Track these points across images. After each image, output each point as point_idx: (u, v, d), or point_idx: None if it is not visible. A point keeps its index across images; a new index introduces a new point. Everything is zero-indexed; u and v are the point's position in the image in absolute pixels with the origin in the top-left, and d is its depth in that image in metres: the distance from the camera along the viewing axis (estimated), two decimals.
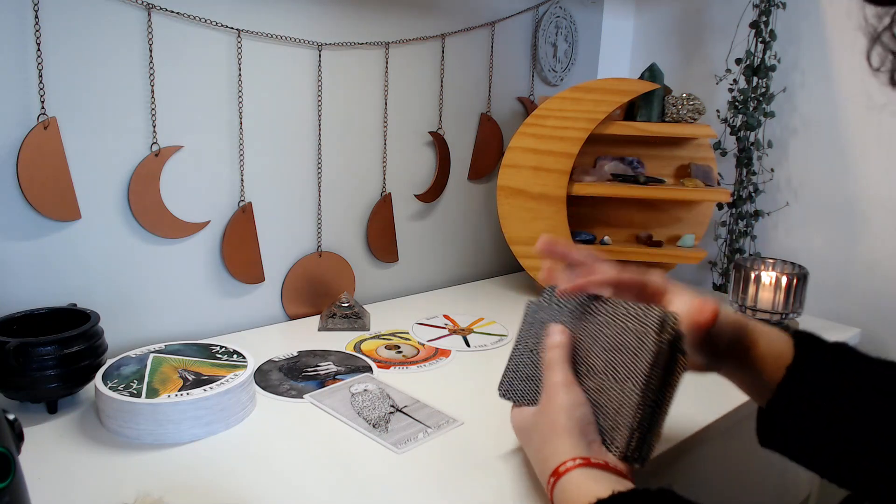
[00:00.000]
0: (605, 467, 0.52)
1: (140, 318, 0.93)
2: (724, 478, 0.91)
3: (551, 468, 0.53)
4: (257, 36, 0.96)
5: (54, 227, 0.84)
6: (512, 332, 1.05)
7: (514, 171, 1.17)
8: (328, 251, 1.12)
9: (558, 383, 0.57)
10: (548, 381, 0.58)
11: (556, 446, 0.53)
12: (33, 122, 0.79)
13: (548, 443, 0.55)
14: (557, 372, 0.57)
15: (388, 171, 1.17)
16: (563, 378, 0.57)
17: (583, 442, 0.53)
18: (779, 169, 1.33)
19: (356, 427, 0.72)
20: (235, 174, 0.99)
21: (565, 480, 0.51)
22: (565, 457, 0.52)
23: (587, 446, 0.53)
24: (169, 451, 0.66)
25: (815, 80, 1.27)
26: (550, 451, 0.54)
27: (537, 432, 0.57)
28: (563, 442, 0.53)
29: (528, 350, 0.66)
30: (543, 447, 0.55)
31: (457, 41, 1.23)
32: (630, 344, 0.55)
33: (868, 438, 0.52)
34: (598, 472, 0.51)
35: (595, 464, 0.51)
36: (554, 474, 0.52)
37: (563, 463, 0.52)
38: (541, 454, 0.56)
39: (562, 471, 0.51)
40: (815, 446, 0.55)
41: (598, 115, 1.14)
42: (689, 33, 1.47)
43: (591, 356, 0.58)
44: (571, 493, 0.50)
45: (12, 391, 0.71)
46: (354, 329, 1.03)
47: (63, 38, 0.80)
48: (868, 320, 1.21)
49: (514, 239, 1.19)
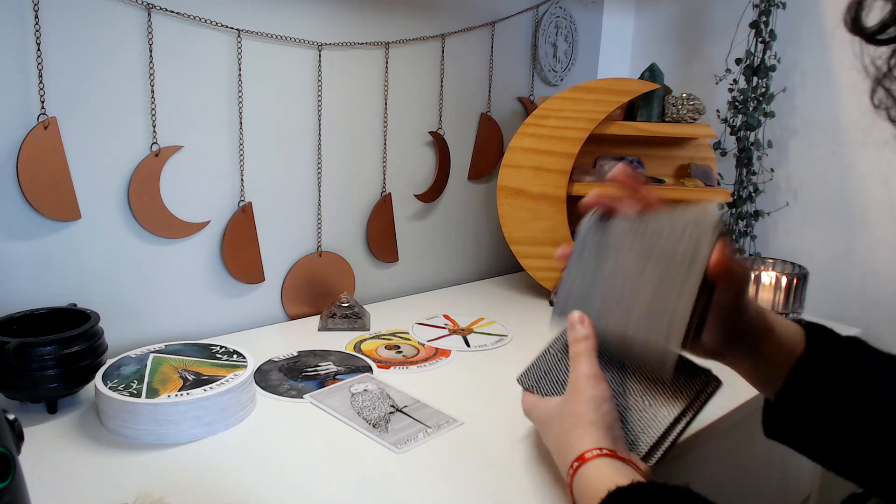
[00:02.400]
0: (628, 462, 0.52)
1: (140, 318, 0.93)
2: (725, 477, 0.91)
3: (576, 454, 0.53)
4: (257, 36, 0.96)
5: (54, 227, 0.84)
6: (512, 332, 1.05)
7: (514, 171, 1.17)
8: (328, 251, 1.12)
9: (588, 375, 0.57)
10: (575, 372, 0.58)
11: (583, 435, 0.54)
12: (33, 122, 0.79)
13: (573, 431, 0.55)
14: (584, 364, 0.58)
15: (388, 171, 1.17)
16: (593, 371, 0.58)
17: (609, 436, 0.54)
18: (779, 169, 1.33)
19: (356, 427, 0.72)
20: (235, 174, 0.99)
21: (589, 467, 0.52)
22: (591, 445, 0.53)
23: (612, 441, 0.54)
24: (169, 451, 0.66)
25: (815, 80, 1.27)
26: (576, 438, 0.54)
27: (562, 421, 0.57)
28: (589, 432, 0.54)
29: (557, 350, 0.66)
30: (568, 434, 0.56)
31: (457, 41, 1.23)
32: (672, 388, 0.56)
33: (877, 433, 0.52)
34: (621, 464, 0.52)
35: (619, 457, 0.52)
36: (579, 459, 0.52)
37: (590, 450, 0.52)
38: (564, 440, 0.56)
39: (588, 457, 0.52)
40: (823, 438, 0.55)
41: (598, 115, 1.14)
42: (689, 33, 1.47)
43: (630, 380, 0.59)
44: (591, 479, 0.50)
45: (12, 391, 0.71)
46: (354, 329, 1.03)
47: (63, 38, 0.80)
48: (868, 320, 1.21)
49: (514, 239, 1.19)
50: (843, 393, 0.54)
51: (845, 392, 0.54)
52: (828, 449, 0.55)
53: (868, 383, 0.54)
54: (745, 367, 0.60)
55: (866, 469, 0.53)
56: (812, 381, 0.55)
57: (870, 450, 0.52)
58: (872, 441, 0.52)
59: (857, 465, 0.53)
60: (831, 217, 1.27)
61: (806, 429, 0.56)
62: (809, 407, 0.55)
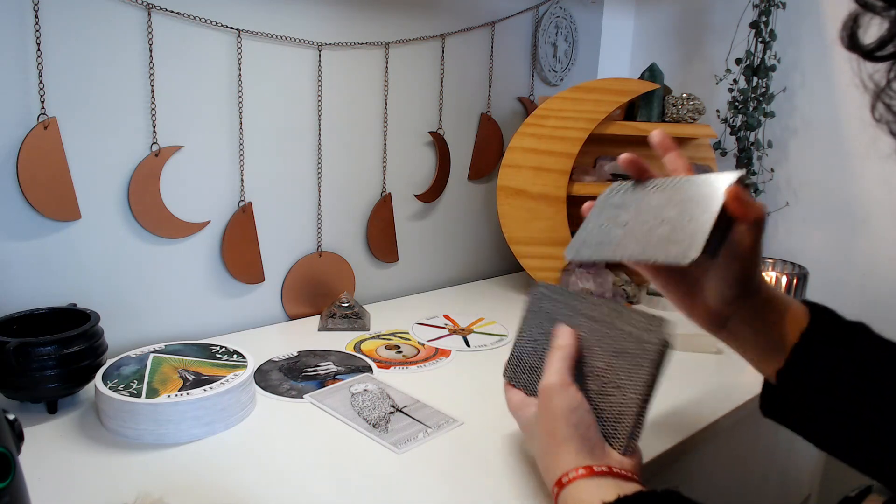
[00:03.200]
0: (608, 473, 0.51)
1: (140, 318, 0.93)
2: (724, 477, 0.91)
3: (554, 479, 0.52)
4: (257, 36, 0.96)
5: (54, 227, 0.84)
6: (512, 332, 1.05)
7: (514, 171, 1.17)
8: (328, 251, 1.12)
9: (553, 385, 0.56)
10: (543, 381, 0.57)
11: (558, 456, 0.53)
12: (33, 122, 0.79)
13: (548, 453, 0.54)
14: (553, 373, 0.57)
15: (388, 171, 1.17)
16: (559, 380, 0.56)
17: (584, 448, 0.52)
18: (779, 169, 1.33)
19: (356, 427, 0.72)
20: (235, 174, 0.99)
21: (569, 491, 0.50)
22: (567, 467, 0.51)
23: (589, 452, 0.52)
24: (169, 451, 0.66)
25: (815, 80, 1.27)
26: (551, 462, 0.53)
27: (538, 438, 0.57)
28: (564, 452, 0.53)
29: (532, 339, 0.65)
30: (545, 456, 0.55)
31: (457, 41, 1.23)
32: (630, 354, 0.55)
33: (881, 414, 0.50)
34: (601, 479, 0.50)
35: (598, 472, 0.51)
36: (557, 485, 0.51)
37: (566, 473, 0.51)
38: (543, 462, 0.55)
39: (565, 482, 0.51)
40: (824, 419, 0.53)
41: (598, 115, 1.14)
42: (689, 33, 1.48)
43: (594, 357, 0.58)
44: (577, 502, 0.49)
45: (12, 391, 0.71)
46: (354, 329, 1.03)
47: (63, 38, 0.80)
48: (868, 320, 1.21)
49: (514, 239, 1.19)
50: (847, 372, 0.52)
51: (849, 371, 0.52)
52: (827, 430, 0.54)
53: (873, 365, 0.52)
54: (747, 336, 0.57)
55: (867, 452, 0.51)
56: (815, 358, 0.53)
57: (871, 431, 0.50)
58: (875, 423, 0.50)
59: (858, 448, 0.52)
60: (831, 217, 1.27)
61: (806, 407, 0.54)
62: (811, 384, 0.53)
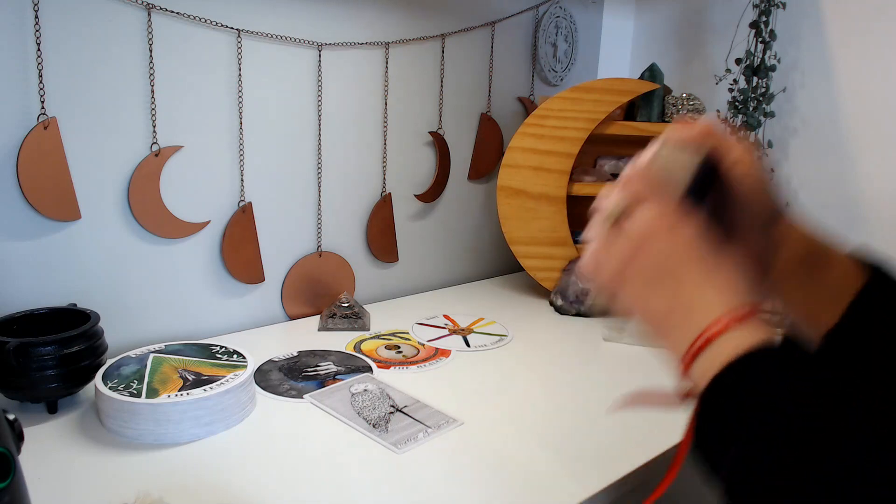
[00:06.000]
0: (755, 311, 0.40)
1: (140, 318, 0.93)
2: None
3: (695, 332, 0.39)
4: (257, 36, 0.96)
5: (54, 227, 0.84)
6: (512, 332, 1.05)
7: (514, 171, 1.17)
8: (328, 251, 1.12)
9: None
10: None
11: (698, 293, 0.41)
12: (33, 122, 0.79)
13: (683, 287, 0.42)
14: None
15: (388, 171, 1.17)
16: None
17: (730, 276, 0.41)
18: (779, 169, 1.33)
19: (356, 427, 0.72)
20: (235, 174, 0.99)
21: (718, 345, 0.39)
22: (717, 311, 0.39)
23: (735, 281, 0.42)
24: (169, 451, 0.66)
25: (815, 80, 1.27)
26: (687, 299, 0.41)
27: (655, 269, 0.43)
28: (707, 284, 0.41)
29: None
30: (679, 296, 0.42)
31: (457, 41, 1.23)
32: None
33: None
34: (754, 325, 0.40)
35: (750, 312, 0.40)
36: (701, 339, 0.39)
37: (717, 321, 0.39)
38: (675, 303, 0.42)
39: (715, 331, 0.39)
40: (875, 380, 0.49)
41: (598, 115, 1.14)
42: (689, 33, 1.47)
43: None
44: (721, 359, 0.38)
45: (12, 391, 0.71)
46: (354, 329, 1.03)
47: (63, 38, 0.80)
48: None
49: (514, 239, 1.19)
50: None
51: None
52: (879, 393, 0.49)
53: None
54: (800, 291, 0.53)
55: None
56: (867, 322, 0.49)
57: None
58: None
59: None
60: (831, 217, 1.27)
61: (855, 367, 0.50)
62: (861, 348, 0.50)
